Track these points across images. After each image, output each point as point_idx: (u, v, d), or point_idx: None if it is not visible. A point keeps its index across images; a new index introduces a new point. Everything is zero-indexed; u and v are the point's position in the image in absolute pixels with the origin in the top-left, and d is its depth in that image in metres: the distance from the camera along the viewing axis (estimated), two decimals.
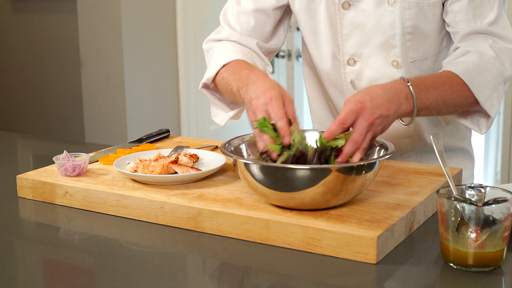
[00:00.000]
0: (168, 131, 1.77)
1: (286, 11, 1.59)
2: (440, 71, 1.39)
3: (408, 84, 1.27)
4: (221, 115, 1.53)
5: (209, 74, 1.47)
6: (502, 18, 1.42)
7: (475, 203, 0.97)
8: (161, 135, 1.74)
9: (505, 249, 1.00)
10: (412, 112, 1.27)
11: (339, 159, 1.16)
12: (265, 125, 1.19)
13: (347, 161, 1.16)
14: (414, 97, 1.26)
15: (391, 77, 1.45)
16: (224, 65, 1.44)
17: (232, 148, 1.26)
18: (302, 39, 1.60)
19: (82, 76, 3.63)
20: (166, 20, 3.68)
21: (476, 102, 1.37)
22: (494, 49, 1.39)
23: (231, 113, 1.51)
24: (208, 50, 1.58)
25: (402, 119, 1.32)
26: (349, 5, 1.46)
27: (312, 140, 1.28)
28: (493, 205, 0.97)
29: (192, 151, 1.47)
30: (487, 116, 1.41)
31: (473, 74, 1.35)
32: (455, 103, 1.35)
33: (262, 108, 1.21)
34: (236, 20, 1.55)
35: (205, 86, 1.52)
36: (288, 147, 1.18)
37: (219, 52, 1.50)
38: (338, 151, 1.18)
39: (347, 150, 1.16)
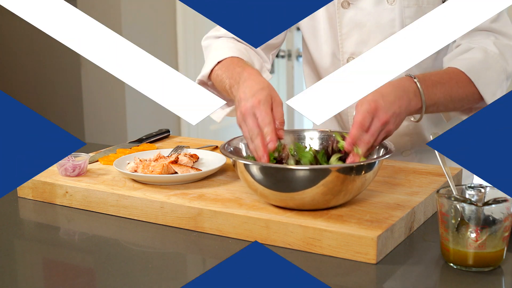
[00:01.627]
0: (168, 131, 1.77)
1: None
2: (445, 67, 1.39)
3: (415, 80, 1.27)
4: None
5: (204, 71, 1.48)
6: (503, 16, 1.43)
7: (475, 203, 0.97)
8: (161, 135, 1.74)
9: (505, 249, 1.00)
10: (421, 109, 1.27)
11: (351, 159, 1.15)
12: None
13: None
14: (422, 93, 1.26)
15: None
16: (218, 62, 1.44)
17: (231, 148, 1.26)
18: (303, 38, 1.61)
19: (82, 76, 3.63)
20: (166, 20, 3.68)
21: (480, 98, 1.37)
22: (497, 46, 1.40)
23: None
24: (207, 47, 1.59)
25: (412, 116, 1.32)
26: (349, 4, 1.46)
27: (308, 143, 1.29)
28: (493, 205, 0.97)
29: (192, 151, 1.47)
30: None
31: (478, 71, 1.36)
32: (461, 98, 1.35)
33: (250, 112, 1.21)
34: None
35: (202, 83, 1.52)
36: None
37: (215, 49, 1.51)
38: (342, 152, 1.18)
39: (361, 152, 1.15)
